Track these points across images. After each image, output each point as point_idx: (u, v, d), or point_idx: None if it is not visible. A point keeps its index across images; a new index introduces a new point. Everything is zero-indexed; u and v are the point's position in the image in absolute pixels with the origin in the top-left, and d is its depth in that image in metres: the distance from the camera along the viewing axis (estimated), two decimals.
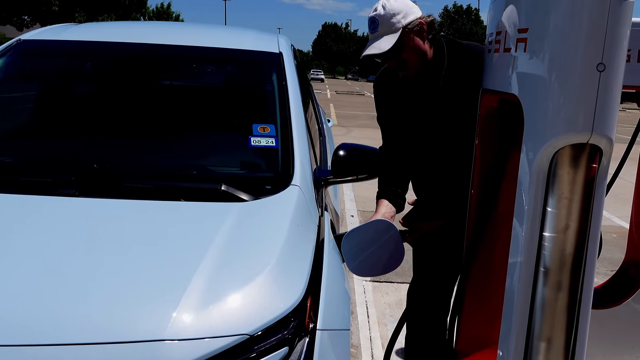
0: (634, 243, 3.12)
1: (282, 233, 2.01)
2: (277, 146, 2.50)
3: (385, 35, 2.36)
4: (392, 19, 2.35)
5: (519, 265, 1.90)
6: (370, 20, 2.39)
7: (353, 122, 19.48)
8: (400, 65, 2.45)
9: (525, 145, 1.84)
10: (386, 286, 4.82)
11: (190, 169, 2.46)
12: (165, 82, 3.08)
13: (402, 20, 2.37)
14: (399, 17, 2.35)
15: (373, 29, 2.38)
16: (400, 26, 2.37)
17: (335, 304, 1.97)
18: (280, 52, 3.01)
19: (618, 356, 3.31)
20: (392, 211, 2.60)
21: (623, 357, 3.31)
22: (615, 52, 1.65)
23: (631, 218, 3.08)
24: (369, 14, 2.41)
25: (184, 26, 3.63)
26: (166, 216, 2.07)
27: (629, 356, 3.53)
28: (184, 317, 1.60)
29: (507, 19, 1.96)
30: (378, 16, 2.36)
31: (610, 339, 2.94)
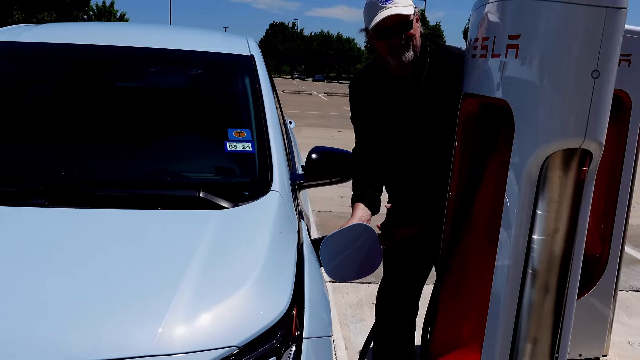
0: (591, 238, 3.21)
1: (265, 241, 1.96)
2: (253, 151, 2.43)
3: (401, 5, 2.36)
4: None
5: (506, 267, 1.91)
6: None
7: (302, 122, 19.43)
8: (404, 45, 2.42)
9: (516, 150, 1.85)
10: (346, 287, 4.81)
11: (165, 176, 2.37)
12: (136, 85, 2.96)
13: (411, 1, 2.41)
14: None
15: (387, 1, 2.35)
16: (411, 3, 2.40)
17: (317, 311, 1.93)
18: (251, 54, 2.94)
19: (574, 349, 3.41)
20: (368, 215, 2.58)
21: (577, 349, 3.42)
22: (610, 59, 1.67)
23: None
24: None
25: (149, 28, 3.49)
26: (144, 226, 1.98)
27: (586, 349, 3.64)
28: (171, 331, 1.54)
29: (495, 24, 1.97)
30: None
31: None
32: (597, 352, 3.70)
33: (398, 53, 2.42)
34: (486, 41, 2.04)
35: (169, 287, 1.64)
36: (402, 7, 2.36)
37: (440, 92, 2.49)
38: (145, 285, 1.67)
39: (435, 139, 2.54)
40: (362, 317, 4.21)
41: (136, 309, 1.58)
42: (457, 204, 2.45)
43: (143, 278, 1.70)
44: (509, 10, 1.90)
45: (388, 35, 2.39)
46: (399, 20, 2.36)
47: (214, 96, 2.85)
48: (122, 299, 1.60)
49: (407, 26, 2.39)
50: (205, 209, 2.08)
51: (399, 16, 2.35)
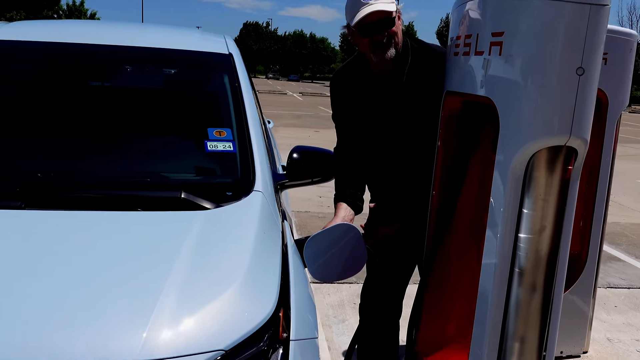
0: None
1: (250, 242, 1.92)
2: (235, 150, 2.39)
3: (383, 2, 2.34)
4: None
5: (493, 267, 1.90)
6: None
7: (278, 122, 19.36)
8: (386, 42, 2.40)
9: (501, 148, 1.84)
10: (327, 287, 4.79)
11: (146, 177, 2.32)
12: (114, 84, 2.89)
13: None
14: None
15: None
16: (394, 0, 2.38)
17: (303, 312, 1.91)
18: (230, 53, 2.89)
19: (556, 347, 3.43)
20: (351, 214, 2.57)
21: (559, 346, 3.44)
22: (594, 56, 1.67)
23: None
24: None
25: (126, 26, 3.42)
26: (125, 228, 1.93)
27: (567, 346, 3.68)
28: (156, 336, 1.50)
29: (478, 22, 1.95)
30: None
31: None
32: (578, 349, 3.74)
33: (380, 50, 2.40)
34: (469, 39, 2.03)
35: (153, 291, 1.60)
36: (385, 4, 2.34)
37: (422, 90, 2.48)
38: (129, 289, 1.62)
39: (418, 137, 2.53)
40: (344, 318, 4.19)
41: (120, 313, 1.54)
42: (441, 202, 2.44)
43: (126, 282, 1.65)
44: (492, 7, 1.90)
45: (370, 31, 2.37)
46: (382, 17, 2.34)
47: (193, 95, 2.80)
48: (105, 304, 1.55)
49: (390, 23, 2.37)
50: (187, 210, 2.04)
51: (382, 13, 2.33)
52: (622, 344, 4.01)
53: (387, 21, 2.37)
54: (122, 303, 1.57)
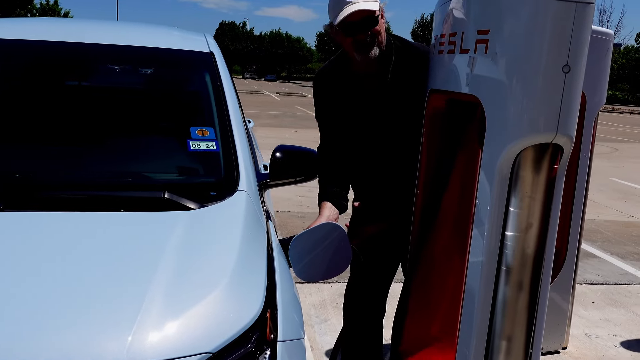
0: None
1: (236, 243, 1.90)
2: (218, 150, 2.37)
3: (367, 1, 2.33)
4: None
5: (480, 266, 1.90)
6: None
7: (256, 122, 19.22)
8: (370, 41, 2.39)
9: (487, 146, 1.84)
10: (309, 287, 4.77)
11: (128, 177, 2.28)
12: (95, 84, 2.84)
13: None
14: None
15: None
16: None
17: (290, 313, 1.89)
18: (211, 51, 2.86)
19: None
20: (335, 213, 2.56)
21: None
22: (580, 54, 1.68)
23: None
24: None
25: (104, 24, 3.36)
26: (108, 229, 1.89)
27: (547, 342, 3.71)
28: (141, 339, 1.47)
29: (463, 20, 1.96)
30: None
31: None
32: (558, 345, 3.77)
33: (364, 49, 2.39)
34: (454, 37, 2.03)
35: (138, 293, 1.57)
36: (368, 3, 2.33)
37: (406, 88, 2.48)
38: (113, 292, 1.59)
39: (402, 136, 2.53)
40: (326, 318, 4.18)
41: (104, 316, 1.51)
42: (425, 201, 2.45)
43: (110, 284, 1.62)
44: (478, 5, 1.90)
45: (354, 31, 2.36)
46: (365, 15, 2.33)
47: (175, 94, 2.77)
48: (88, 307, 1.52)
49: (373, 22, 2.37)
50: (171, 210, 2.01)
51: (365, 12, 2.32)
52: (600, 339, 4.06)
53: (370, 20, 2.36)
54: (106, 306, 1.54)
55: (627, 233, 7.11)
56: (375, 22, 2.37)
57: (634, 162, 13.82)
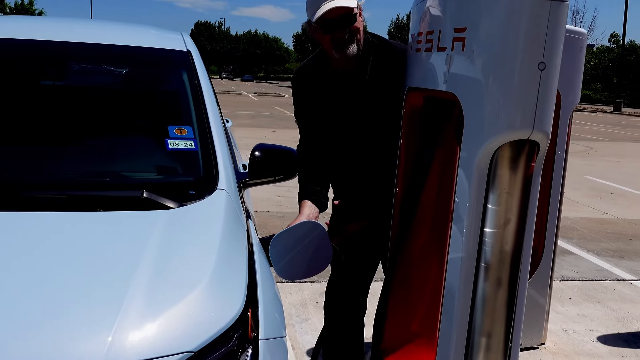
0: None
1: (216, 241, 1.89)
2: (196, 148, 2.36)
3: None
4: None
5: (459, 263, 1.91)
6: None
7: (234, 122, 19.22)
8: (348, 38, 2.39)
9: (465, 143, 1.86)
10: (289, 287, 4.77)
11: (105, 176, 2.26)
12: (70, 83, 2.80)
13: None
14: None
15: None
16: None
17: (271, 312, 1.89)
18: (188, 50, 2.85)
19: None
20: (315, 212, 2.56)
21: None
22: (555, 51, 1.70)
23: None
24: None
25: (80, 22, 3.32)
26: (87, 229, 1.87)
27: (525, 338, 3.76)
28: (121, 339, 1.46)
29: (440, 18, 1.97)
30: None
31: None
32: (536, 341, 3.82)
33: (342, 47, 2.39)
34: (431, 35, 2.05)
35: (118, 293, 1.56)
36: (346, 0, 2.34)
37: (385, 87, 2.49)
38: (92, 292, 1.57)
39: (381, 135, 2.54)
40: (306, 317, 4.18)
41: (83, 317, 1.49)
42: (404, 199, 2.46)
43: (89, 284, 1.60)
44: (454, 3, 1.91)
45: (332, 28, 2.37)
46: (343, 13, 2.34)
47: (153, 93, 2.75)
48: (67, 308, 1.50)
49: (352, 19, 2.37)
50: (150, 210, 2.00)
51: (343, 9, 2.33)
52: (577, 334, 4.12)
53: (349, 17, 2.36)
54: (85, 306, 1.52)
55: (602, 230, 7.22)
56: (353, 20, 2.38)
57: (608, 160, 14.04)
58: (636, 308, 4.69)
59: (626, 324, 4.34)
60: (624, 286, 5.23)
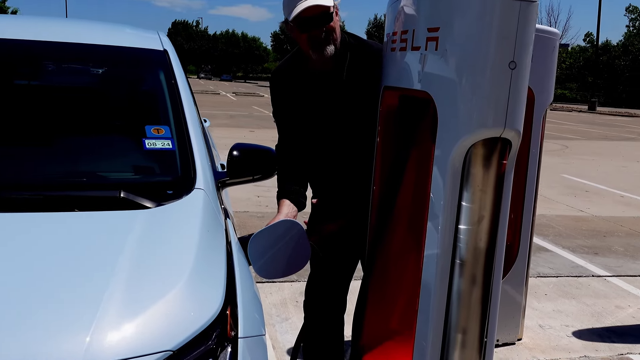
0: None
1: (194, 240, 1.90)
2: (174, 148, 2.36)
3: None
4: None
5: (435, 260, 1.94)
6: None
7: (212, 122, 19.11)
8: (325, 37, 2.41)
9: (440, 141, 1.89)
10: (269, 286, 4.78)
11: (82, 177, 2.25)
12: (45, 82, 2.78)
13: None
14: None
15: None
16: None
17: (250, 310, 1.90)
18: (165, 49, 2.84)
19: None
20: (294, 211, 2.57)
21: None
22: (525, 50, 1.74)
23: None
24: None
25: (55, 21, 3.29)
26: (64, 229, 1.87)
27: (502, 334, 3.81)
28: (100, 339, 1.46)
29: (414, 17, 2.00)
30: None
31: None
32: (513, 337, 3.87)
33: (319, 46, 2.41)
34: (405, 34, 2.08)
35: (96, 293, 1.56)
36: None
37: (362, 86, 2.51)
38: (70, 292, 1.57)
39: (358, 134, 2.56)
40: (287, 316, 4.19)
41: (61, 318, 1.49)
42: (381, 197, 2.48)
43: (66, 284, 1.60)
44: (428, 3, 1.94)
45: (308, 26, 2.38)
46: (320, 12, 2.35)
47: (129, 93, 2.74)
48: (45, 309, 1.50)
49: (328, 18, 2.39)
50: (127, 210, 2.00)
51: (320, 7, 2.34)
52: (553, 330, 4.19)
53: (325, 16, 2.38)
54: (63, 307, 1.52)
55: (578, 227, 7.34)
56: (329, 19, 2.40)
57: (583, 158, 14.25)
58: (610, 303, 4.78)
59: (600, 319, 4.42)
60: (598, 282, 5.32)
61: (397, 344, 2.56)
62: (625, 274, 5.58)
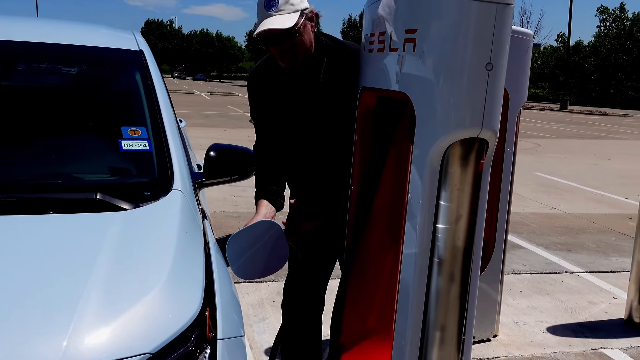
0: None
1: (172, 242, 1.89)
2: (151, 149, 2.34)
3: (285, 14, 2.31)
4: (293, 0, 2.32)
5: (413, 259, 1.96)
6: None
7: (187, 122, 19.00)
8: (290, 51, 2.40)
9: (417, 142, 1.90)
10: (246, 286, 4.77)
11: (57, 179, 2.22)
12: (18, 83, 2.73)
13: (300, 3, 2.35)
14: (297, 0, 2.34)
15: (271, 7, 2.30)
16: (299, 8, 2.34)
17: (229, 311, 1.90)
18: (140, 49, 2.82)
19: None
20: (272, 211, 2.56)
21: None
22: (501, 52, 1.76)
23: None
24: None
25: (27, 20, 3.24)
26: (39, 232, 1.84)
27: (478, 331, 3.85)
28: (77, 343, 1.44)
29: (392, 19, 2.01)
30: None
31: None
32: (489, 333, 3.92)
33: (287, 58, 2.41)
34: (383, 35, 2.09)
35: (73, 297, 1.54)
36: (285, 17, 2.31)
37: (339, 87, 2.51)
38: (46, 297, 1.55)
39: (336, 134, 2.57)
40: (264, 316, 4.19)
41: (37, 322, 1.47)
42: (360, 197, 2.50)
43: (42, 288, 1.58)
44: (405, 5, 1.95)
45: (272, 42, 2.38)
46: (280, 32, 2.33)
47: (105, 94, 2.71)
48: (21, 312, 1.48)
49: (291, 36, 2.35)
50: (104, 212, 1.98)
51: (278, 30, 2.31)
52: (528, 326, 4.25)
53: (288, 34, 2.34)
54: (39, 311, 1.50)
55: (551, 224, 7.45)
56: (293, 36, 2.36)
57: (556, 156, 14.47)
58: (583, 299, 4.86)
59: (574, 315, 4.50)
60: (571, 278, 5.41)
61: (375, 342, 2.57)
62: (597, 270, 5.68)
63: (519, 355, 3.78)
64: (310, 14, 2.42)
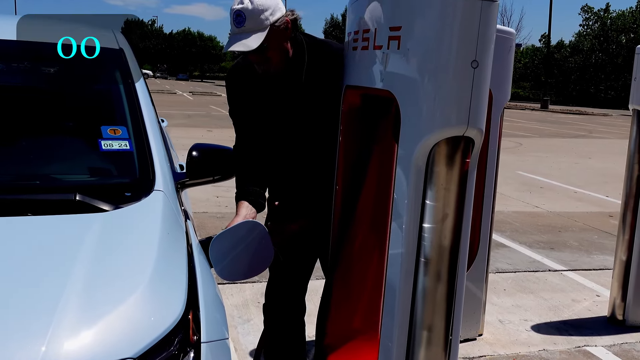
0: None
1: (154, 244, 1.86)
2: (132, 149, 2.30)
3: (252, 33, 2.26)
4: (261, 16, 2.26)
5: (399, 259, 1.94)
6: (235, 14, 2.28)
7: (169, 122, 18.87)
8: (263, 62, 2.38)
9: (403, 140, 1.88)
10: (230, 288, 4.73)
11: (35, 179, 2.17)
12: None
13: (270, 17, 2.29)
14: (267, 14, 2.27)
15: (239, 23, 2.27)
16: (269, 23, 2.28)
17: (213, 313, 1.87)
18: (120, 47, 2.77)
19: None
20: (253, 212, 2.52)
21: None
22: (487, 50, 1.75)
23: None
24: (233, 6, 2.29)
25: (3, 18, 3.18)
26: (16, 234, 1.80)
27: (464, 330, 3.84)
28: (57, 348, 1.41)
29: (376, 16, 1.99)
30: (245, 10, 2.26)
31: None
32: (474, 332, 3.92)
33: (262, 67, 2.39)
34: (367, 33, 2.06)
35: (51, 300, 1.50)
36: (249, 39, 2.27)
37: (321, 86, 2.48)
38: (24, 301, 1.51)
39: (319, 133, 2.54)
40: (249, 318, 4.15)
41: (15, 327, 1.43)
42: (345, 196, 2.47)
43: (20, 292, 1.54)
44: (390, 2, 1.93)
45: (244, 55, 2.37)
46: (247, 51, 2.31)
47: (84, 93, 2.66)
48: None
49: (259, 52, 2.32)
50: (84, 213, 1.94)
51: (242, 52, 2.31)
52: (513, 324, 4.26)
53: (255, 51, 2.31)
54: (16, 316, 1.47)
55: (534, 223, 7.49)
56: (261, 52, 2.33)
57: (537, 155, 14.57)
58: (566, 297, 4.89)
59: (557, 313, 4.52)
60: (554, 276, 5.43)
61: (361, 343, 2.55)
62: (580, 267, 5.72)
63: (504, 354, 3.78)
64: (283, 24, 2.35)
